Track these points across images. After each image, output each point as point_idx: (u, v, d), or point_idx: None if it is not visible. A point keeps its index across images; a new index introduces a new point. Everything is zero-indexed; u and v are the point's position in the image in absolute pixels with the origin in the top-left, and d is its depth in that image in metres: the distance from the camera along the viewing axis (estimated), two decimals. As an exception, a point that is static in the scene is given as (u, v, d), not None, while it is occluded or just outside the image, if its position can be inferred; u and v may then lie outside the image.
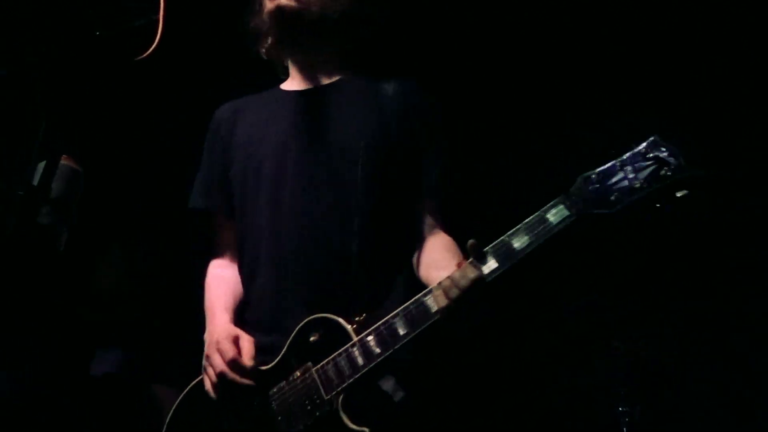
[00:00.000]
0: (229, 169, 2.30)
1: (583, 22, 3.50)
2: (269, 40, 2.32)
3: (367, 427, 1.94)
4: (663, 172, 1.80)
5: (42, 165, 1.70)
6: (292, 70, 2.37)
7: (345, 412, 1.97)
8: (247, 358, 2.06)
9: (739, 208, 3.38)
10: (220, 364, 2.05)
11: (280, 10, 2.20)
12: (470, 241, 1.90)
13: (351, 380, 1.98)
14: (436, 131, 2.25)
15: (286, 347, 2.08)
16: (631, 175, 1.83)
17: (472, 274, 1.88)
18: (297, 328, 2.07)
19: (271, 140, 2.24)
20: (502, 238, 1.90)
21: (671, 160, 1.80)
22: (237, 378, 2.04)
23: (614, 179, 1.85)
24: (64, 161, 2.32)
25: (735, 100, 3.37)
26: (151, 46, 1.89)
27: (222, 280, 2.31)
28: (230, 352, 2.05)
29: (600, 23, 3.49)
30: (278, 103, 2.33)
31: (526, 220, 1.89)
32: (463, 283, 1.88)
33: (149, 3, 1.92)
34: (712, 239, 3.45)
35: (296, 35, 2.26)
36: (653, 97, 3.38)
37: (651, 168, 1.82)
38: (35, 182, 1.70)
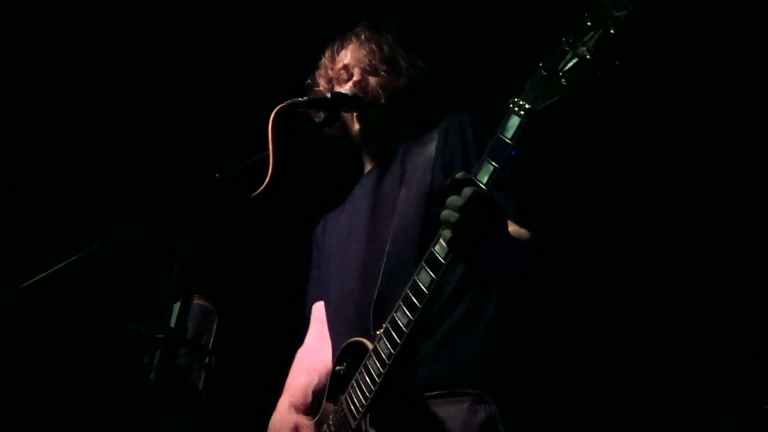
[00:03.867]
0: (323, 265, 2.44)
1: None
2: (342, 131, 2.46)
3: None
4: (612, 30, 1.54)
5: (176, 306, 1.78)
6: (364, 155, 2.50)
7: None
8: None
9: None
10: None
11: (368, 127, 2.35)
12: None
13: (372, 395, 1.85)
14: (471, 142, 2.17)
15: (326, 390, 2.08)
16: (580, 49, 1.58)
17: (467, 191, 1.62)
18: (332, 369, 2.06)
19: (345, 224, 2.37)
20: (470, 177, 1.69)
21: (619, 12, 1.54)
22: None
23: (563, 62, 1.61)
24: (195, 300, 2.42)
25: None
26: (263, 183, 1.99)
27: (299, 362, 2.41)
28: None
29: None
30: (355, 192, 2.47)
31: (486, 151, 1.69)
32: (457, 202, 1.61)
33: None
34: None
35: (372, 134, 2.39)
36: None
37: (599, 32, 1.56)
38: (172, 324, 1.77)
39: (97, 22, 3.68)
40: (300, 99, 2.21)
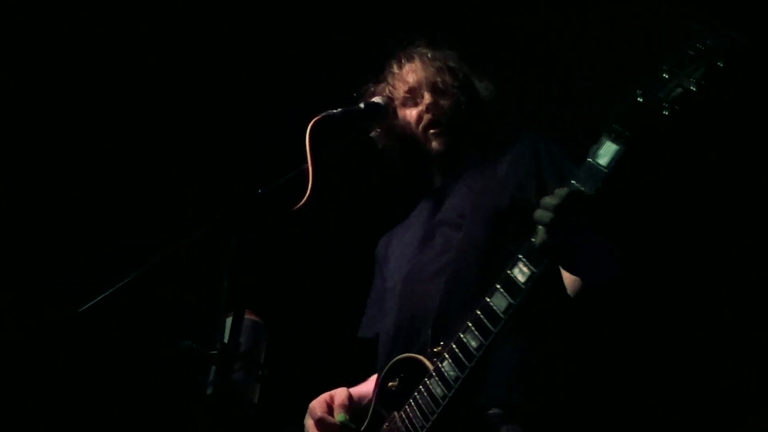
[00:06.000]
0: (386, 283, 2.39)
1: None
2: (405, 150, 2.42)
3: None
4: (720, 63, 1.55)
5: (228, 321, 1.81)
6: (435, 171, 2.43)
7: None
8: (337, 408, 2.13)
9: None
10: (310, 426, 2.15)
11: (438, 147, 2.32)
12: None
13: (435, 416, 1.81)
14: (547, 165, 2.11)
15: (373, 401, 2.05)
16: (684, 80, 1.57)
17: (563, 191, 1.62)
18: (380, 379, 2.02)
19: (406, 242, 2.35)
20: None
21: (725, 44, 1.54)
22: None
23: (664, 91, 1.59)
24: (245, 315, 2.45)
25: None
26: (305, 196, 2.02)
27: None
28: (318, 411, 2.14)
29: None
30: (418, 209, 2.44)
31: (573, 175, 1.65)
32: (552, 201, 1.62)
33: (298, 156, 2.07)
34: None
35: (446, 151, 2.34)
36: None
37: (704, 63, 1.55)
38: (225, 339, 1.80)
39: (138, 31, 3.72)
40: (334, 111, 2.22)
